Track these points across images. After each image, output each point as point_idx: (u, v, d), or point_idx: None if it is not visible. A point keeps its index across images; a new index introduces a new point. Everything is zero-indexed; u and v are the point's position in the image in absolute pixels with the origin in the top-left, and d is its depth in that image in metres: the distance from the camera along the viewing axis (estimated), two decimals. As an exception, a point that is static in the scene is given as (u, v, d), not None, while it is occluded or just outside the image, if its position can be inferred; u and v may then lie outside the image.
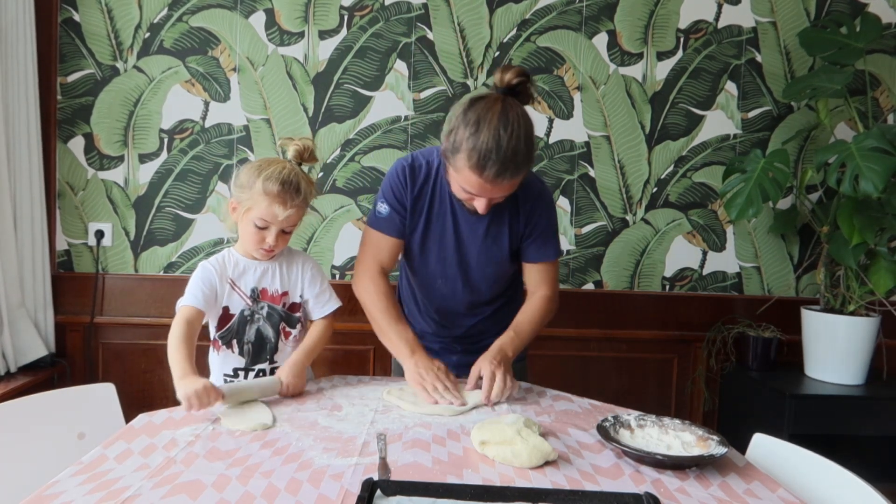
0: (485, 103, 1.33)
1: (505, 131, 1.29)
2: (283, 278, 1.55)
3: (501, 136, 1.29)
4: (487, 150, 1.29)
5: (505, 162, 1.30)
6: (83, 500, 0.89)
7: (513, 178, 1.35)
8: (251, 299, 1.52)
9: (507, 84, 1.35)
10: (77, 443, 1.40)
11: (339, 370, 2.50)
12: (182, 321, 1.40)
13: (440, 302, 1.65)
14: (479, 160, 1.31)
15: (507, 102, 1.33)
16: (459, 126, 1.34)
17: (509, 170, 1.32)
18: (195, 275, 1.50)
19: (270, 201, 1.43)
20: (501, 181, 1.34)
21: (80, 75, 2.45)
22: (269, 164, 1.46)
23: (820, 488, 1.14)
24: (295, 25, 2.48)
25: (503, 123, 1.30)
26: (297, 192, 1.45)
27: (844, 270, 2.32)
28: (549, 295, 1.61)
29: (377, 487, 0.91)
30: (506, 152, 1.30)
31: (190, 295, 1.45)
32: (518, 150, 1.31)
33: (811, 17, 2.54)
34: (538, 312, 1.59)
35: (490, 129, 1.29)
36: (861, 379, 2.27)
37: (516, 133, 1.30)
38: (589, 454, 1.13)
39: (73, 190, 2.49)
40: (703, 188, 2.60)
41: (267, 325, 1.54)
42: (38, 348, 2.32)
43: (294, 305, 1.57)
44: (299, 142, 1.49)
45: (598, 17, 2.52)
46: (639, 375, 2.61)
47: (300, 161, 1.49)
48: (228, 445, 1.11)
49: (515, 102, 1.35)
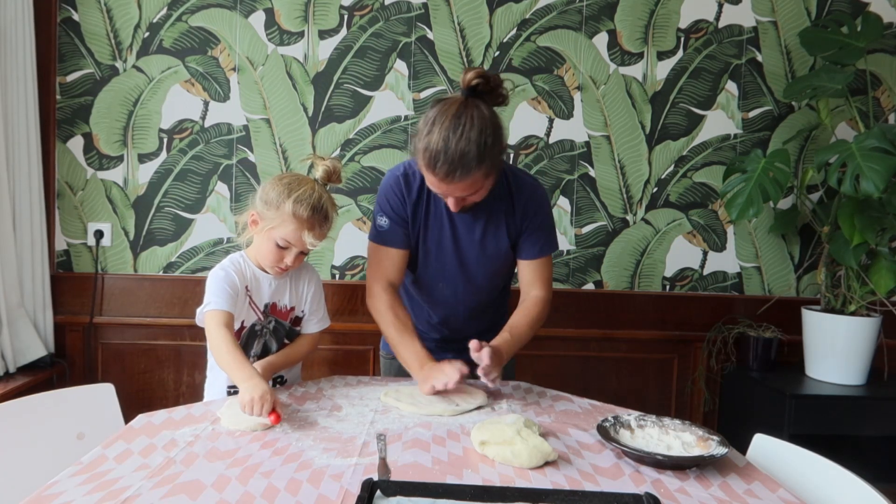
0: (443, 105, 1.37)
1: (454, 132, 1.33)
2: (292, 293, 1.55)
3: (450, 138, 1.33)
4: (437, 151, 1.34)
5: (453, 162, 1.33)
6: (83, 500, 0.89)
7: (463, 177, 1.36)
8: (263, 314, 1.51)
9: (468, 85, 1.38)
10: (76, 443, 1.40)
11: (339, 370, 2.50)
12: (220, 326, 1.35)
13: (442, 304, 1.65)
14: (429, 160, 1.35)
15: (466, 104, 1.36)
16: (421, 127, 1.38)
17: (458, 169, 1.34)
18: (216, 278, 1.43)
19: (299, 225, 1.40)
20: (452, 180, 1.36)
21: (80, 75, 2.45)
22: (298, 185, 1.42)
23: (820, 489, 1.14)
24: (295, 25, 2.48)
25: (454, 125, 1.33)
26: (325, 220, 1.43)
27: (845, 270, 2.32)
28: (543, 296, 1.61)
29: (377, 488, 0.90)
30: (454, 153, 1.33)
31: (219, 299, 1.39)
32: (467, 150, 1.33)
33: (812, 17, 2.53)
34: (533, 316, 1.58)
35: (441, 130, 1.34)
36: (862, 379, 2.27)
37: (466, 134, 1.33)
38: (589, 454, 1.13)
39: (73, 190, 2.49)
40: (704, 188, 2.59)
41: (272, 339, 1.54)
42: (38, 348, 2.32)
43: (297, 319, 1.58)
44: (329, 162, 1.46)
45: (598, 16, 2.52)
46: (639, 376, 2.60)
47: (327, 182, 1.46)
48: (228, 445, 1.11)
49: (477, 103, 1.37)
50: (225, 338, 1.33)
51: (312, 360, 2.48)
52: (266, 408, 1.20)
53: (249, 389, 1.21)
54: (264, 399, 1.20)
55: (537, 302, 1.60)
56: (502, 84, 1.42)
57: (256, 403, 1.19)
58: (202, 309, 1.40)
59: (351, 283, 2.54)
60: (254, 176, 2.51)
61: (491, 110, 1.39)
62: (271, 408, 1.21)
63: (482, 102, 1.38)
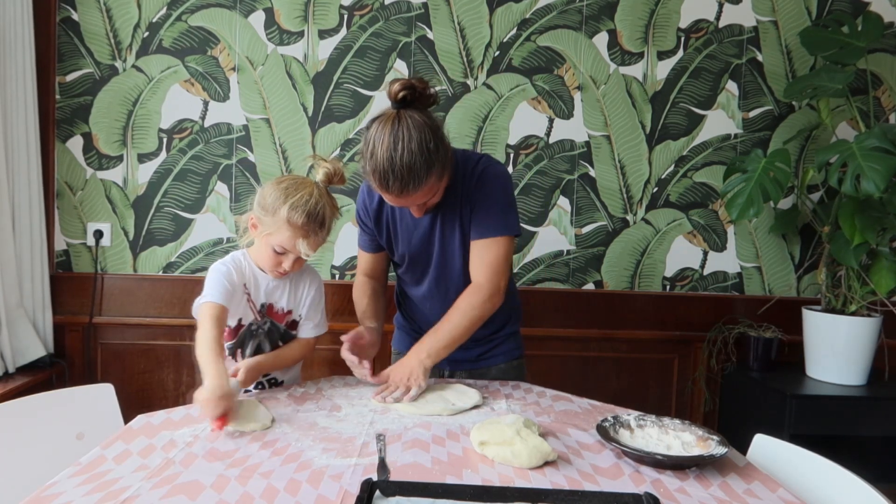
0: (377, 124, 1.36)
1: (395, 149, 1.32)
2: (291, 297, 1.54)
3: (393, 156, 1.32)
4: (385, 170, 1.33)
5: (403, 178, 1.33)
6: (82, 500, 0.89)
7: (417, 188, 1.36)
8: (259, 314, 1.51)
9: (395, 97, 1.36)
10: (76, 443, 1.40)
11: (339, 370, 2.47)
12: (209, 318, 1.34)
13: (427, 302, 1.67)
14: (380, 180, 1.35)
15: (398, 116, 1.35)
16: (364, 150, 1.38)
17: (411, 183, 1.34)
18: (215, 272, 1.42)
19: (293, 232, 1.39)
20: (408, 194, 1.37)
21: (79, 75, 2.45)
22: (296, 190, 1.40)
23: (821, 489, 1.14)
24: (294, 25, 2.48)
25: (393, 141, 1.32)
26: (321, 226, 1.41)
27: (846, 270, 2.32)
28: (480, 283, 1.50)
29: (376, 488, 0.90)
30: (401, 169, 1.32)
31: (214, 291, 1.38)
32: (413, 162, 1.32)
33: (812, 17, 2.53)
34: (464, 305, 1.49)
35: (382, 150, 1.33)
36: (862, 379, 2.26)
37: (407, 147, 1.32)
38: (589, 454, 1.13)
39: (72, 190, 2.48)
40: (704, 188, 2.59)
41: (266, 341, 1.53)
42: (37, 349, 2.31)
43: (294, 323, 1.57)
44: (330, 164, 1.44)
45: (598, 16, 2.51)
46: (639, 376, 2.60)
47: (328, 184, 1.45)
48: (227, 446, 1.11)
49: (408, 114, 1.35)
50: (209, 331, 1.32)
51: (312, 360, 2.47)
52: (218, 411, 1.17)
53: (211, 388, 1.19)
54: (220, 401, 1.17)
55: (475, 289, 1.50)
56: (428, 86, 1.39)
57: (211, 403, 1.17)
58: (198, 300, 1.41)
59: (351, 283, 2.52)
60: (253, 176, 2.51)
61: (425, 114, 1.37)
62: (222, 413, 1.17)
63: (414, 111, 1.36)
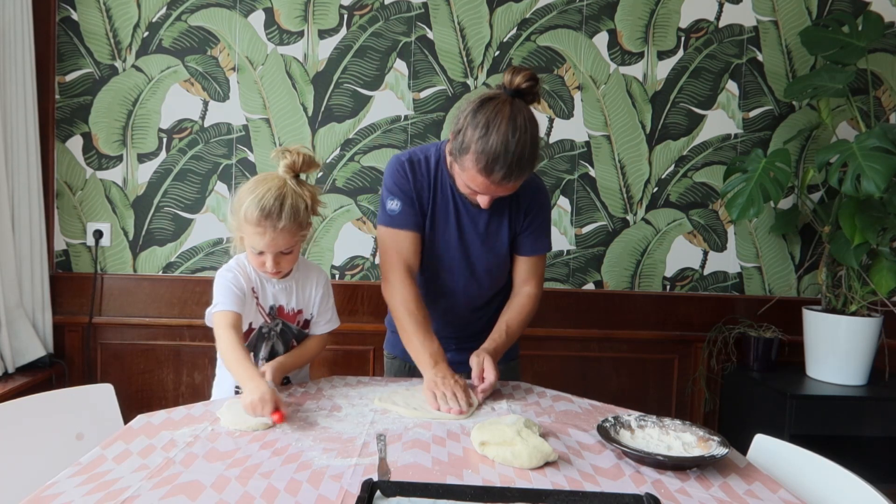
0: (494, 105, 1.36)
1: (513, 136, 1.33)
2: (299, 296, 1.53)
3: (510, 141, 1.33)
4: (496, 154, 1.33)
5: (511, 166, 1.35)
6: (82, 500, 0.89)
7: (518, 179, 1.39)
8: (269, 316, 1.50)
9: (517, 87, 1.38)
10: (75, 443, 1.39)
11: (339, 370, 2.50)
12: (226, 327, 1.33)
13: (443, 296, 1.65)
14: (487, 163, 1.34)
15: (515, 105, 1.36)
16: (468, 127, 1.36)
17: (515, 173, 1.36)
18: (222, 279, 1.41)
19: (253, 229, 1.35)
20: (507, 183, 1.38)
21: (79, 74, 2.45)
22: (257, 186, 1.37)
23: (821, 489, 1.13)
24: (294, 25, 2.47)
25: (512, 128, 1.33)
26: (278, 217, 1.33)
27: (846, 270, 2.32)
28: (536, 293, 1.65)
29: (377, 488, 0.90)
30: (513, 156, 1.33)
31: (225, 299, 1.37)
32: (524, 154, 1.35)
33: (813, 16, 2.53)
34: (526, 312, 1.62)
35: (499, 134, 1.33)
36: (863, 379, 2.26)
37: (524, 138, 1.34)
38: (589, 455, 1.13)
39: (72, 190, 2.48)
40: (704, 188, 2.59)
41: (279, 342, 1.53)
42: (37, 349, 2.31)
43: (306, 322, 1.57)
44: (290, 154, 1.38)
45: (598, 16, 2.51)
46: (639, 376, 2.60)
47: (296, 174, 1.40)
48: (228, 446, 1.11)
49: (523, 105, 1.39)
50: (230, 339, 1.32)
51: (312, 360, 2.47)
52: (268, 409, 1.20)
53: (251, 391, 1.21)
54: (264, 400, 1.19)
55: (532, 299, 1.63)
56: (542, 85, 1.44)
57: (257, 405, 1.19)
58: (211, 310, 1.39)
59: (351, 283, 2.54)
60: (253, 176, 2.50)
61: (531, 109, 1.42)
62: (273, 408, 1.20)
63: (524, 104, 1.40)
